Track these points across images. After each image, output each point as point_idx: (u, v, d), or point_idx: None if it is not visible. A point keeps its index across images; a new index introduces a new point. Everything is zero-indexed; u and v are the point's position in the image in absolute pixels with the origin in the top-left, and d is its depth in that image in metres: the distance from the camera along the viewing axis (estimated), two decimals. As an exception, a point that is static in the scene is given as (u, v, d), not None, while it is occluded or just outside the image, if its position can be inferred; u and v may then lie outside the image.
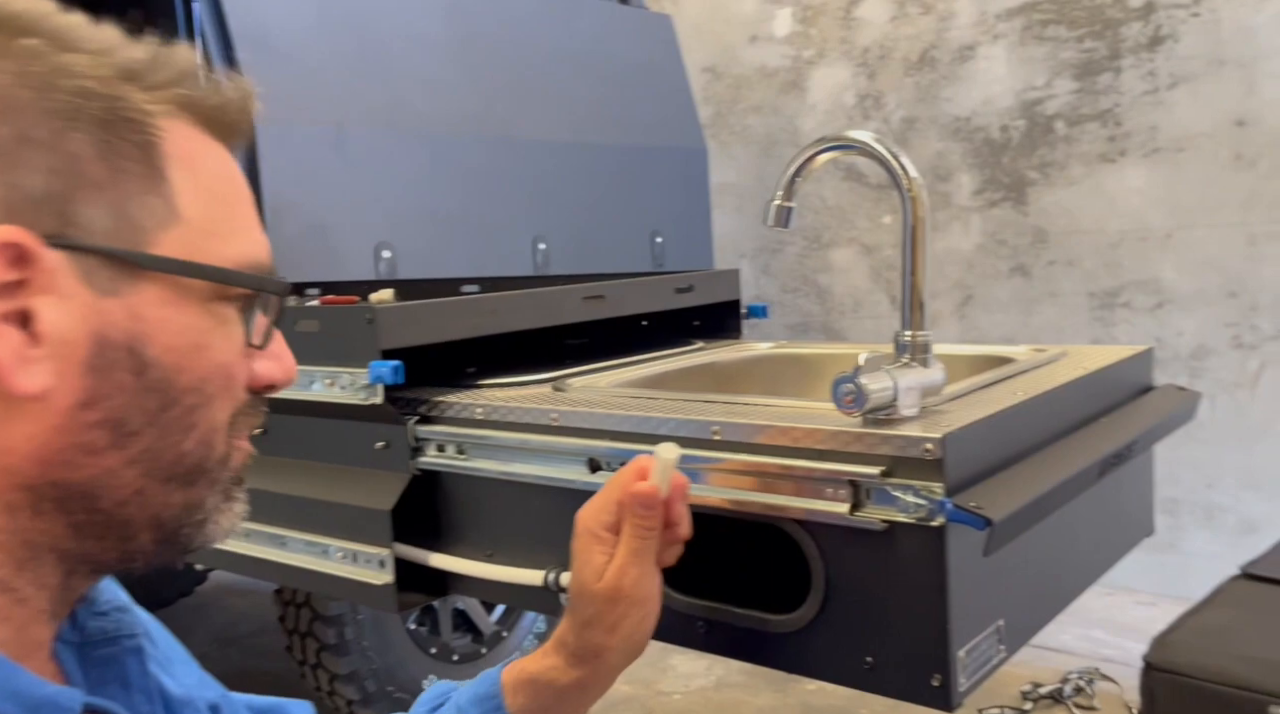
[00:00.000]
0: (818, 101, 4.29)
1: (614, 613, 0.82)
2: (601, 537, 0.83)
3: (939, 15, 3.89)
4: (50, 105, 0.51)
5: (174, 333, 0.55)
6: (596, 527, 0.83)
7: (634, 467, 0.83)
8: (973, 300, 3.92)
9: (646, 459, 0.83)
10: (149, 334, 0.54)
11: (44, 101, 0.51)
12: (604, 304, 1.35)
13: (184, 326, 0.55)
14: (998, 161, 3.79)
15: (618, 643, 0.84)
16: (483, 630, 2.84)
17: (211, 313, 0.57)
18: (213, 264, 0.56)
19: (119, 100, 0.54)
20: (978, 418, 0.85)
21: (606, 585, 0.82)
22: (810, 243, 4.38)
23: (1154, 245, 3.47)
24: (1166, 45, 3.37)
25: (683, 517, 0.84)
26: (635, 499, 0.81)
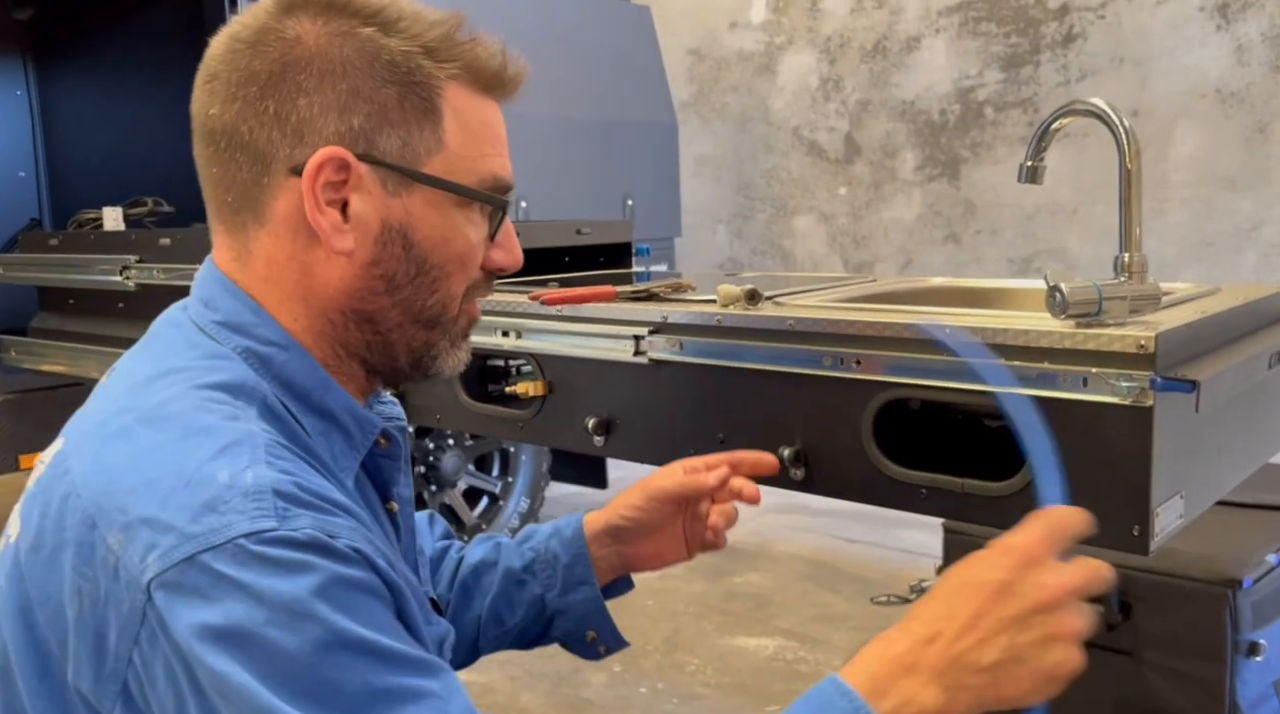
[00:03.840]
0: (786, 83, 4.78)
1: (646, 499, 1.09)
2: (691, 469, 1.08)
3: (890, 9, 4.37)
4: (373, 71, 0.76)
5: (431, 226, 0.79)
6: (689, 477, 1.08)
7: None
8: (912, 264, 4.42)
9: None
10: (415, 225, 0.78)
11: (369, 68, 0.76)
12: (522, 238, 1.82)
13: (438, 223, 0.79)
14: (936, 141, 4.28)
15: (632, 515, 1.10)
16: (465, 522, 3.41)
17: (459, 214, 0.80)
18: (459, 182, 0.79)
19: (417, 69, 0.78)
20: (1180, 323, 1.02)
21: (667, 482, 1.08)
22: (777, 211, 4.89)
23: (1062, 218, 3.96)
24: (1077, 43, 3.84)
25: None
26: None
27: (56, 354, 2.68)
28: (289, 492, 0.67)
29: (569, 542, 1.10)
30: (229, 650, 0.62)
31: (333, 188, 0.76)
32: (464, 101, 0.80)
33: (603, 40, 3.69)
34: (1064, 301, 1.00)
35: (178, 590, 0.63)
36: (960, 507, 1.10)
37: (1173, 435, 0.99)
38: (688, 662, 2.84)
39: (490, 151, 0.82)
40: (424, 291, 0.80)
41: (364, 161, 0.76)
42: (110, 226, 2.73)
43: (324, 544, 0.66)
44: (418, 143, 0.78)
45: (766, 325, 1.21)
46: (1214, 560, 1.79)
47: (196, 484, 0.66)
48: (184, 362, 0.76)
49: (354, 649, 0.64)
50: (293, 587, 0.63)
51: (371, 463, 0.84)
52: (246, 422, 0.72)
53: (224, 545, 0.63)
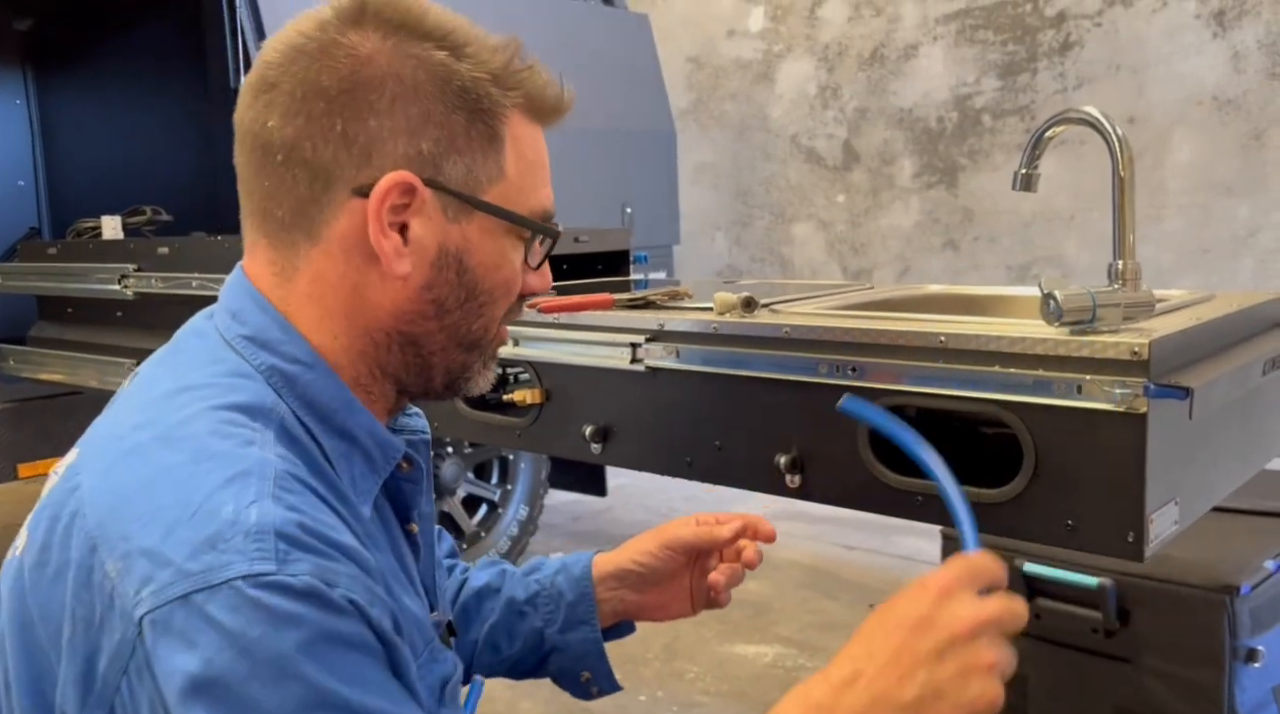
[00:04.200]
0: (784, 91, 4.80)
1: (660, 546, 1.10)
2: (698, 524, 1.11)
3: (888, 17, 4.38)
4: (444, 96, 0.76)
5: (485, 253, 0.79)
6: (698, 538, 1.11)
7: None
8: (910, 271, 4.43)
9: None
10: (470, 251, 0.78)
11: (441, 94, 0.76)
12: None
13: (491, 249, 0.80)
14: (934, 148, 4.29)
15: (646, 561, 1.10)
16: (464, 530, 3.40)
17: (508, 241, 0.81)
18: (516, 211, 0.79)
19: (485, 97, 0.77)
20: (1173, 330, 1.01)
21: (684, 532, 1.11)
22: (775, 218, 4.89)
23: (1060, 225, 3.97)
24: (1074, 51, 3.85)
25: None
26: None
27: (55, 363, 2.68)
28: (291, 534, 0.66)
29: (576, 580, 1.10)
30: (208, 702, 0.61)
31: (395, 211, 0.75)
32: (522, 130, 0.80)
33: (601, 48, 3.71)
34: (1058, 309, 1.01)
35: (165, 631, 0.63)
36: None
37: (1167, 442, 0.99)
38: (687, 669, 2.84)
39: (541, 182, 0.82)
40: (471, 316, 0.80)
41: (429, 186, 0.76)
42: (109, 235, 2.74)
43: (320, 593, 0.65)
44: (480, 170, 0.77)
45: (763, 333, 1.21)
46: (1212, 567, 1.79)
47: (200, 517, 0.65)
48: (205, 377, 0.75)
49: (334, 709, 0.63)
50: (280, 643, 0.62)
51: (393, 485, 0.83)
52: (262, 447, 0.71)
53: (219, 586, 0.62)
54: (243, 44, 2.88)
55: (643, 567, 1.10)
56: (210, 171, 3.04)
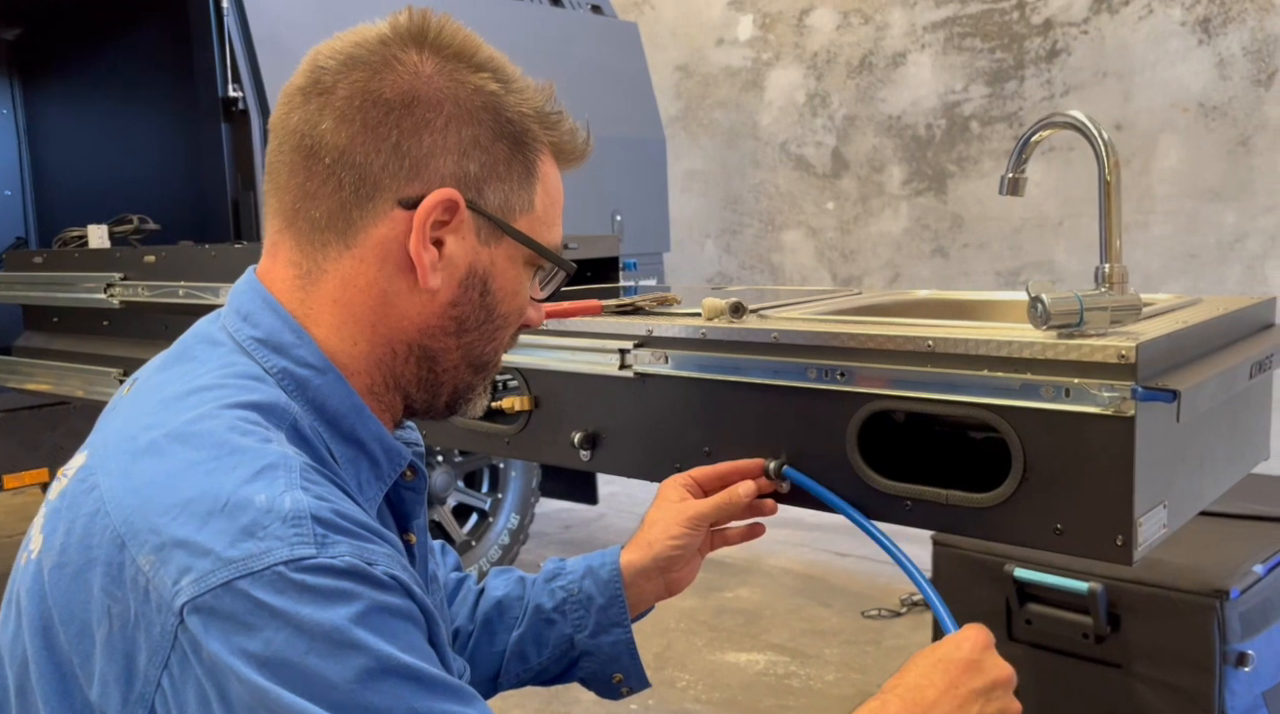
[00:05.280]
0: (774, 99, 4.81)
1: (684, 528, 1.13)
2: (685, 490, 1.12)
3: (876, 25, 4.40)
4: (495, 125, 0.79)
5: (507, 278, 0.83)
6: (684, 481, 1.13)
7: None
8: (900, 278, 4.44)
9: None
10: (495, 275, 0.82)
11: (493, 122, 0.79)
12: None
13: (513, 276, 0.83)
14: (923, 155, 4.31)
15: (676, 544, 1.13)
16: (454, 539, 3.39)
17: (525, 271, 0.85)
18: (540, 242, 0.83)
19: (528, 132, 0.81)
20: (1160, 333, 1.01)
21: (701, 506, 1.13)
22: (765, 225, 4.90)
23: (1049, 231, 3.98)
24: (1061, 58, 3.87)
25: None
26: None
27: (41, 373, 2.66)
28: (327, 518, 0.67)
29: (605, 583, 1.11)
30: (271, 680, 0.61)
31: (436, 226, 0.78)
32: (549, 169, 0.85)
33: (591, 56, 3.71)
34: (1045, 313, 1.01)
35: (213, 616, 0.63)
36: (945, 518, 1.10)
37: (1155, 445, 0.99)
38: (678, 678, 2.83)
39: (557, 220, 0.87)
40: (485, 338, 0.84)
41: (469, 208, 0.79)
42: (95, 244, 2.73)
43: (363, 571, 0.66)
44: (515, 200, 0.81)
45: (751, 338, 1.21)
46: (1201, 572, 1.79)
47: (234, 508, 0.65)
48: (216, 379, 0.75)
49: (396, 675, 0.64)
50: (332, 615, 0.63)
51: (395, 494, 0.84)
52: (280, 445, 0.72)
53: (263, 572, 0.63)
54: (230, 53, 2.87)
55: (681, 549, 1.13)
56: (197, 180, 3.03)
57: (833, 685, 2.77)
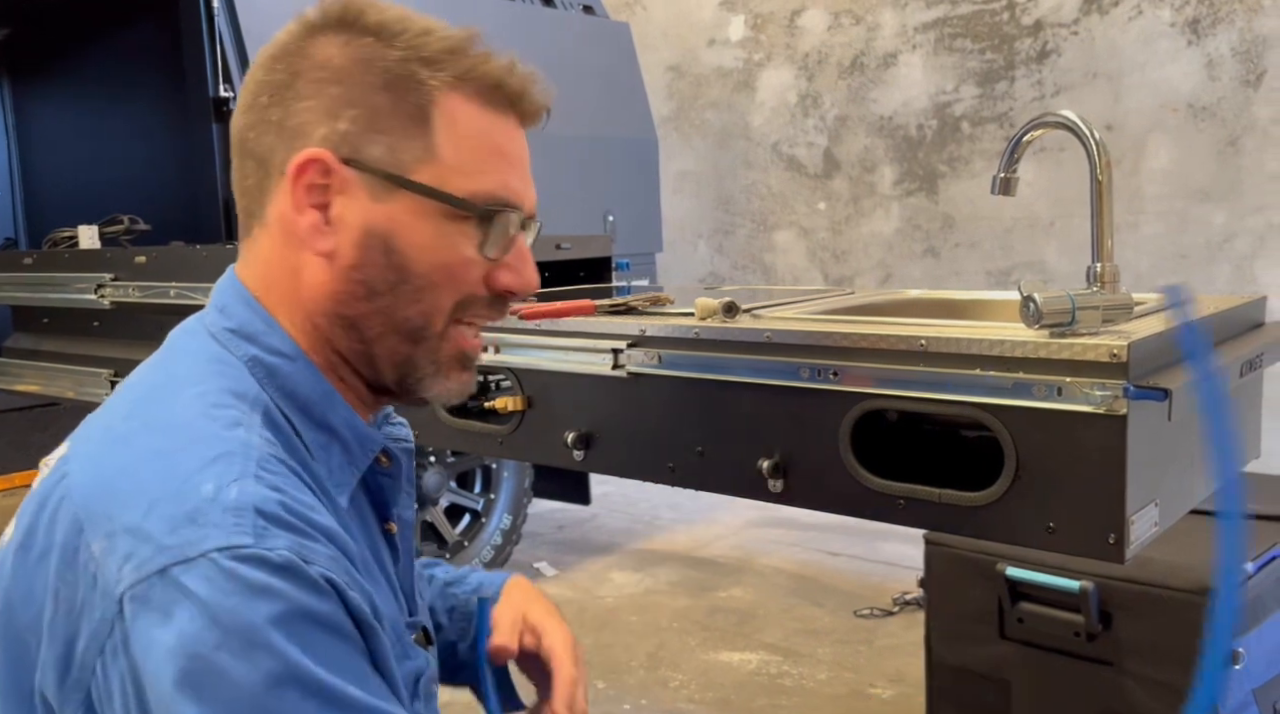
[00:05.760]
0: (765, 99, 4.82)
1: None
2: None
3: (867, 26, 4.41)
4: (367, 77, 0.77)
5: (414, 233, 0.77)
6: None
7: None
8: (892, 278, 4.45)
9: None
10: (397, 232, 0.77)
11: (364, 75, 0.77)
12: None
13: (422, 231, 0.78)
14: (914, 156, 4.32)
15: None
16: (447, 539, 3.39)
17: (450, 226, 0.78)
18: (451, 193, 0.77)
19: (410, 77, 0.77)
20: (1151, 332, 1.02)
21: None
22: (757, 226, 4.91)
23: (1040, 231, 4.00)
24: (1051, 59, 3.89)
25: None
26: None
27: (31, 374, 2.65)
28: (271, 511, 0.66)
29: (492, 600, 1.08)
30: (177, 673, 0.61)
31: (318, 191, 0.77)
32: (464, 113, 0.79)
33: (583, 57, 3.71)
34: (1038, 312, 1.01)
35: (144, 605, 0.63)
36: (938, 517, 1.10)
37: (1146, 443, 1.00)
38: (671, 677, 2.83)
39: (490, 167, 0.80)
40: (405, 301, 0.79)
41: (349, 166, 0.77)
42: (85, 245, 2.72)
43: (297, 569, 0.65)
44: (404, 150, 0.77)
45: (744, 337, 1.22)
46: (1192, 570, 1.79)
47: (181, 495, 0.66)
48: (190, 367, 0.78)
49: (303, 687, 0.62)
50: (252, 613, 0.62)
51: (373, 481, 0.83)
52: (248, 429, 0.72)
53: (196, 559, 0.63)
54: (221, 53, 2.87)
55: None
56: (188, 181, 3.02)
57: (825, 685, 2.78)
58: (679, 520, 4.24)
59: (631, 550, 3.92)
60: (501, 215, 0.80)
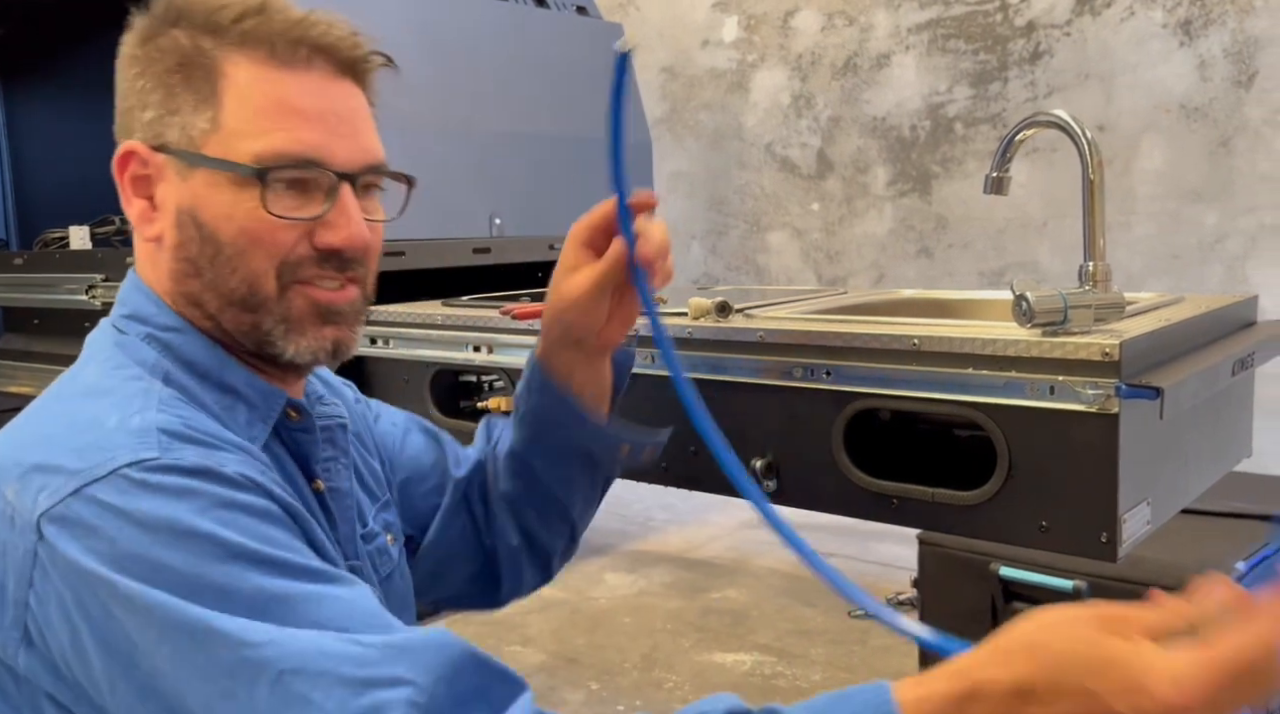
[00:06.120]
0: (759, 100, 4.82)
1: (564, 310, 0.96)
2: (585, 248, 0.95)
3: (861, 27, 4.42)
4: (162, 63, 0.80)
5: (214, 205, 0.79)
6: (584, 236, 0.95)
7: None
8: (885, 278, 4.45)
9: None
10: (200, 206, 0.80)
11: (159, 60, 0.80)
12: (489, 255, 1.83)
13: (220, 201, 0.79)
14: (907, 157, 4.32)
15: (564, 331, 0.98)
16: (441, 541, 3.37)
17: (243, 192, 0.79)
18: (234, 160, 0.78)
19: (197, 52, 0.79)
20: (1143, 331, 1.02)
21: (571, 285, 0.95)
22: (751, 227, 4.91)
23: (1033, 231, 4.01)
24: (1044, 60, 3.90)
25: (656, 257, 0.92)
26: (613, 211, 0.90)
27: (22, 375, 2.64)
28: (175, 429, 0.71)
29: (537, 389, 1.04)
30: (120, 575, 0.65)
31: (141, 181, 0.82)
32: (252, 76, 0.79)
33: (575, 57, 3.71)
34: (1030, 310, 1.01)
35: (64, 524, 0.66)
36: (931, 516, 1.11)
37: (1138, 442, 1.00)
38: (665, 679, 2.83)
39: (276, 126, 0.79)
40: (225, 272, 0.80)
41: (158, 151, 0.81)
42: (77, 245, 2.71)
43: (211, 470, 0.69)
44: (194, 126, 0.79)
45: (737, 337, 1.22)
46: (1185, 569, 1.80)
47: (85, 429, 0.71)
48: (96, 353, 0.84)
49: (244, 559, 0.66)
50: (174, 509, 0.66)
51: (288, 437, 0.86)
52: (149, 384, 0.77)
53: (107, 477, 0.67)
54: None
55: (577, 335, 1.01)
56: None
57: (819, 685, 2.78)
58: (672, 521, 4.24)
59: (625, 552, 3.92)
60: (279, 172, 0.79)
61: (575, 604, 3.36)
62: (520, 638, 3.08)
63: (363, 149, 0.84)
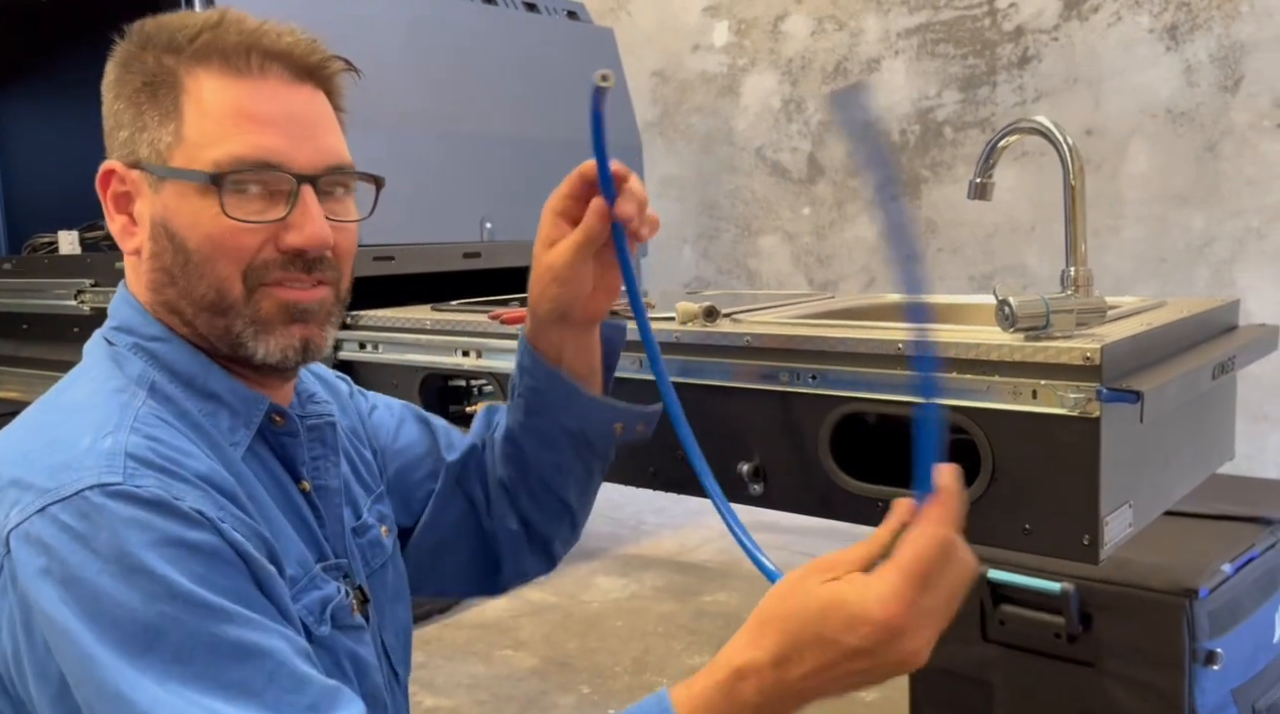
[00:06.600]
0: (749, 104, 4.83)
1: (547, 283, 0.98)
2: (562, 218, 0.98)
3: (851, 31, 4.43)
4: (132, 83, 0.85)
5: (181, 214, 0.83)
6: (560, 206, 0.98)
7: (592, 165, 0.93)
8: (876, 282, 4.47)
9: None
10: (170, 217, 0.83)
11: (129, 82, 0.85)
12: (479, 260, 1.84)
13: (186, 210, 0.83)
14: (897, 161, 4.34)
15: (550, 305, 0.99)
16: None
17: (205, 200, 0.81)
18: (194, 169, 0.81)
19: (161, 71, 0.83)
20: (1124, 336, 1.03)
21: (553, 256, 0.97)
22: (742, 231, 4.92)
23: (1021, 236, 4.02)
24: (1032, 64, 3.92)
25: (633, 214, 0.94)
26: (585, 176, 0.95)
27: (10, 381, 2.64)
28: (142, 455, 0.73)
29: (530, 368, 1.05)
30: (62, 596, 0.67)
31: (122, 198, 0.86)
32: (208, 88, 0.83)
33: (566, 62, 3.71)
34: (1012, 315, 1.02)
35: (25, 540, 0.69)
36: (917, 520, 1.10)
37: (1120, 445, 1.01)
38: (657, 682, 2.83)
39: (233, 133, 0.82)
40: (194, 279, 0.84)
41: (133, 168, 0.85)
42: (66, 250, 2.70)
43: (166, 503, 0.71)
44: (160, 140, 0.84)
45: (723, 342, 1.22)
46: (1171, 571, 1.81)
47: (60, 447, 0.73)
48: (87, 366, 0.87)
49: (183, 602, 0.68)
50: (126, 539, 0.68)
51: (274, 441, 0.89)
52: (131, 397, 0.80)
53: (71, 497, 0.69)
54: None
55: (561, 306, 1.02)
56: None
57: (810, 688, 2.78)
58: (664, 525, 4.24)
59: (617, 555, 3.92)
60: (236, 177, 0.82)
61: (567, 608, 3.37)
62: (512, 642, 3.08)
63: (323, 151, 0.85)
